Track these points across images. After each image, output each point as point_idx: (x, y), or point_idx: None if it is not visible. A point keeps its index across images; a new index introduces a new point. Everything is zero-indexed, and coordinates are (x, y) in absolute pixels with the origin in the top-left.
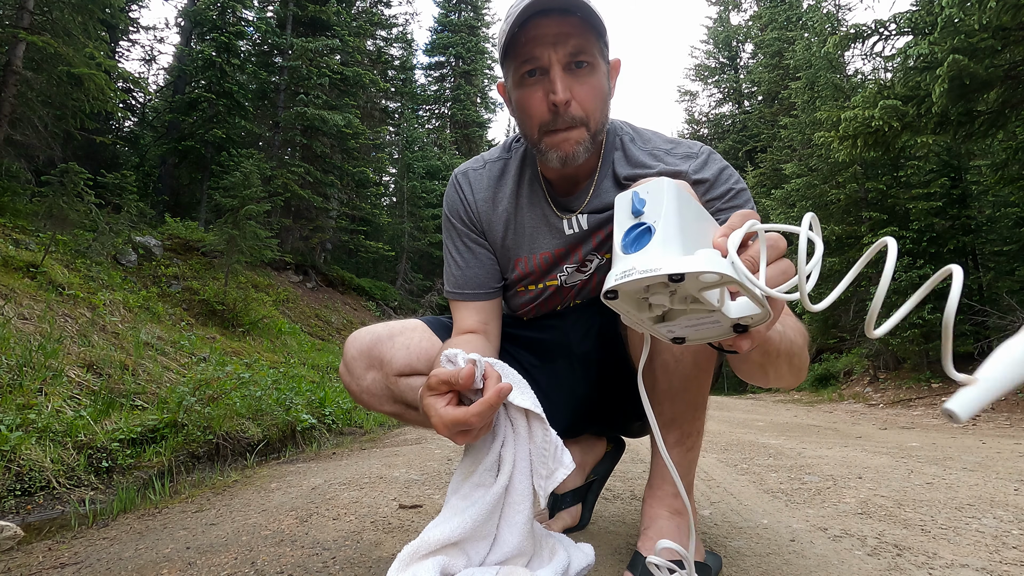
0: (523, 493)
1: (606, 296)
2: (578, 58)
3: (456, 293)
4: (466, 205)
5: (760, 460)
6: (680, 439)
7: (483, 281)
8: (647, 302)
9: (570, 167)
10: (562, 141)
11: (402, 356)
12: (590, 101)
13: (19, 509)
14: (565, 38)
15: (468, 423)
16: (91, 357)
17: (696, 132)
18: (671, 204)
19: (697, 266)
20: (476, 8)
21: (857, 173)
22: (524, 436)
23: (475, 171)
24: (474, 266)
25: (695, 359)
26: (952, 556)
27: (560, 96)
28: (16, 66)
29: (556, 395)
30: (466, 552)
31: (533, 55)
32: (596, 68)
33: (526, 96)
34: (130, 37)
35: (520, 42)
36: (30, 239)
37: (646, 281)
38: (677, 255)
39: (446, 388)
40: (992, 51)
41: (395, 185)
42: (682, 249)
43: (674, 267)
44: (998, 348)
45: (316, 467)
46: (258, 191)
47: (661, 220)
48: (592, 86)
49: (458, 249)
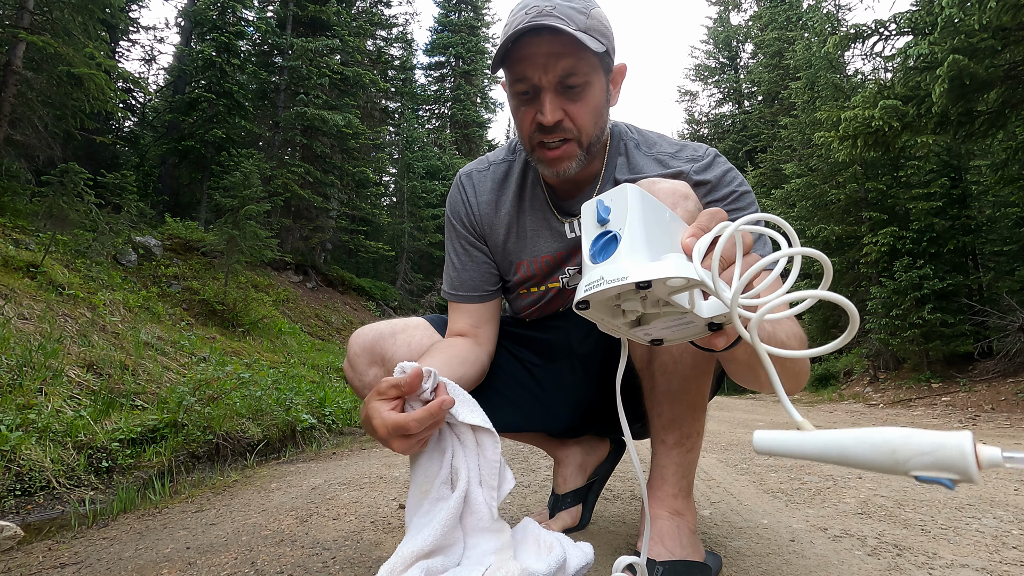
0: (481, 502)
1: (578, 307)
2: (568, 80)
3: (452, 294)
4: (468, 208)
5: (760, 460)
6: (680, 440)
7: (478, 284)
8: (620, 308)
9: (563, 178)
10: (553, 157)
11: (404, 353)
12: (582, 118)
13: (19, 509)
14: (556, 59)
15: (407, 427)
16: (91, 357)
17: (696, 132)
18: (635, 210)
19: (663, 272)
20: (476, 8)
21: (857, 173)
22: (473, 449)
23: (479, 173)
24: (471, 269)
25: (694, 361)
26: (952, 556)
27: (548, 119)
28: (16, 66)
29: (558, 395)
30: (443, 557)
31: (525, 75)
32: (589, 86)
33: (518, 110)
34: (130, 37)
35: (513, 59)
36: (30, 239)
37: (615, 290)
38: (644, 261)
39: (394, 393)
40: (992, 51)
41: (395, 185)
42: (648, 255)
43: (641, 274)
44: (857, 430)
45: (316, 467)
46: (258, 191)
47: (626, 227)
48: (585, 103)
49: (456, 251)
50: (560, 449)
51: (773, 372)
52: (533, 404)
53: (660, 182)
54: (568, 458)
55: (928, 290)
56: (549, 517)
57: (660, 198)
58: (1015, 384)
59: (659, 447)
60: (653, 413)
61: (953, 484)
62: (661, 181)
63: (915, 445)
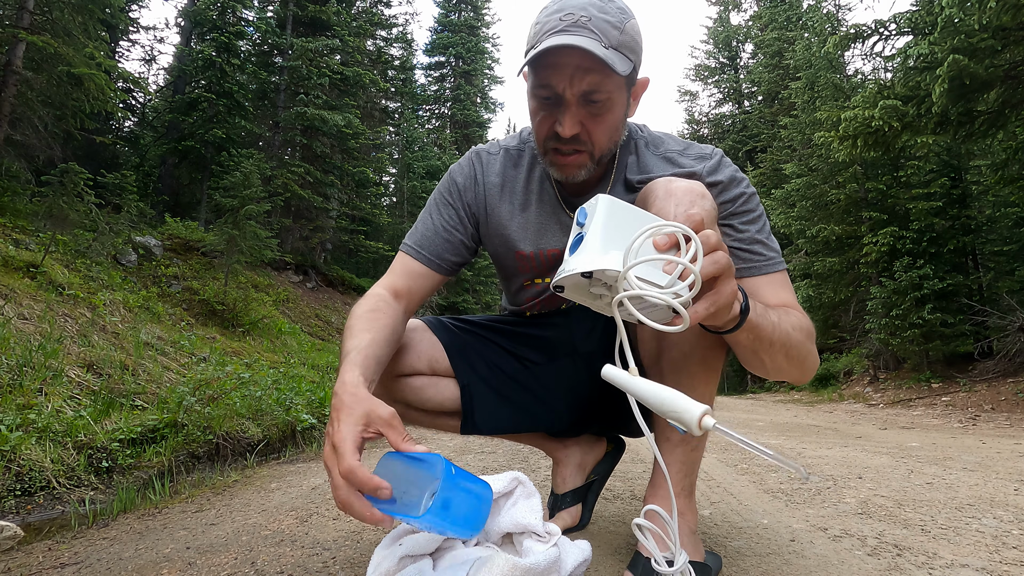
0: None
1: (555, 289)
2: (593, 96)
3: (412, 248)
4: (474, 182)
5: (760, 460)
6: (685, 438)
7: (441, 254)
8: (596, 294)
9: (571, 182)
10: (564, 164)
11: (403, 356)
12: (598, 133)
13: (19, 509)
14: (583, 73)
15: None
16: (91, 357)
17: (696, 132)
18: (600, 216)
19: (598, 264)
20: (476, 8)
21: (857, 173)
22: None
23: (490, 155)
24: (443, 237)
25: (703, 357)
26: (952, 556)
27: (567, 133)
28: (16, 66)
29: (560, 393)
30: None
31: (550, 83)
32: (611, 103)
33: (537, 114)
34: (130, 37)
35: (541, 64)
36: (30, 239)
37: (571, 278)
38: (595, 256)
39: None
40: (992, 51)
41: (395, 185)
42: (602, 251)
43: (584, 266)
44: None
45: (316, 467)
46: (258, 191)
47: (589, 228)
48: (603, 120)
49: (439, 214)
50: (559, 449)
51: (784, 325)
52: (535, 404)
53: (677, 181)
54: (567, 458)
55: (928, 290)
56: (549, 517)
57: (678, 196)
58: (1015, 384)
59: (663, 445)
60: None
61: (684, 431)
62: (678, 180)
63: (673, 405)
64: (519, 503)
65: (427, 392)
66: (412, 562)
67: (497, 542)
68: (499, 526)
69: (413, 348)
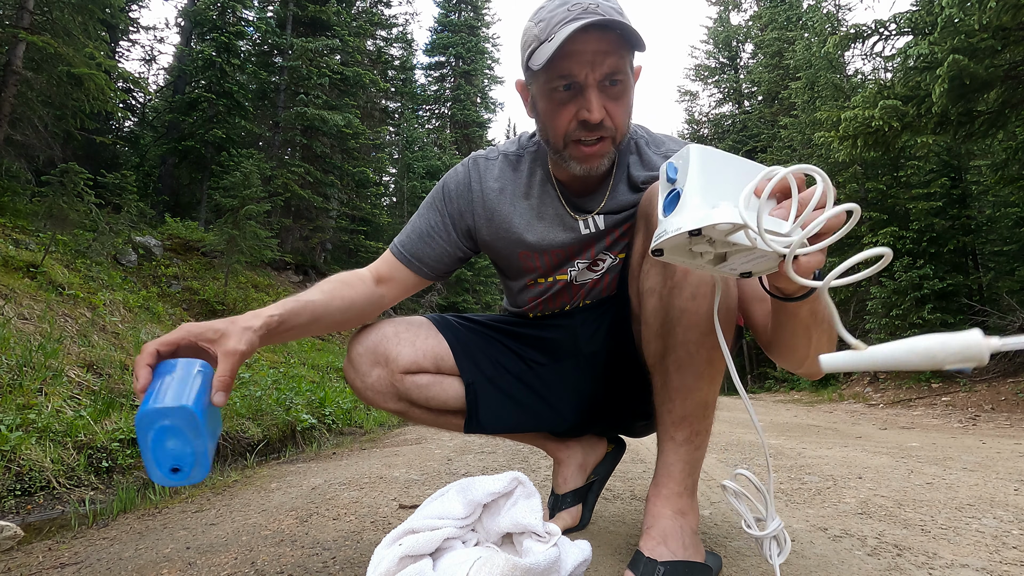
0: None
1: (655, 254)
2: (614, 77)
3: (399, 251)
4: (468, 191)
5: (760, 460)
6: (690, 437)
7: (426, 260)
8: (697, 252)
9: (587, 175)
10: (589, 154)
11: (408, 353)
12: (620, 116)
13: (19, 509)
14: (603, 57)
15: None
16: (91, 357)
17: (696, 132)
18: (694, 167)
19: (709, 219)
20: (476, 8)
21: (857, 173)
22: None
23: (488, 160)
24: (431, 245)
25: (709, 357)
26: (952, 556)
27: (596, 117)
28: (16, 66)
29: (564, 394)
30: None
31: (571, 71)
32: (627, 85)
33: (556, 108)
34: (130, 37)
35: (559, 55)
36: (30, 239)
37: (675, 239)
38: (700, 211)
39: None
40: (992, 51)
41: (395, 185)
42: (704, 205)
43: (692, 223)
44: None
45: (316, 467)
46: (258, 191)
47: (686, 183)
48: (623, 103)
49: (431, 222)
50: (561, 449)
51: (832, 308)
52: (539, 404)
53: None
54: (569, 458)
55: (928, 290)
56: (549, 517)
57: None
58: (1015, 384)
59: (667, 444)
60: (663, 409)
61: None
62: None
63: (945, 349)
64: (519, 503)
65: (431, 390)
66: (412, 562)
67: (497, 542)
68: (499, 526)
69: (418, 345)
